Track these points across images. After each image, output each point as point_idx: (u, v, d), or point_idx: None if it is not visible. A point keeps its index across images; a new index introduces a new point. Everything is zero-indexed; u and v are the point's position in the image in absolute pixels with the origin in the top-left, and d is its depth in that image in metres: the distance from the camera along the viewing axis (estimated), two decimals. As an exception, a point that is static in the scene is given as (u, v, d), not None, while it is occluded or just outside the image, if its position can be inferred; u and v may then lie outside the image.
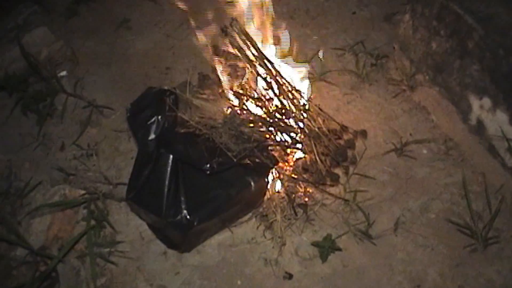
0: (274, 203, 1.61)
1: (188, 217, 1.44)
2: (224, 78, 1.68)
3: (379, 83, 2.07)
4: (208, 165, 1.43)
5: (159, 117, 1.51)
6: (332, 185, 1.67)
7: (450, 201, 1.67)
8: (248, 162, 1.50)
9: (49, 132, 2.02)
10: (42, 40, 2.31)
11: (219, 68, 1.68)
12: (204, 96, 1.65)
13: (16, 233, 1.59)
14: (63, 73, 2.22)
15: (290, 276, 1.52)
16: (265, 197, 1.63)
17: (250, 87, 1.63)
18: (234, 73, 1.66)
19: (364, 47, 2.20)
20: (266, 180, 1.58)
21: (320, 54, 1.81)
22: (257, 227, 1.63)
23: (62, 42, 2.33)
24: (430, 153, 1.81)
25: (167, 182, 1.47)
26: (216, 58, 1.66)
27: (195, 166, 1.45)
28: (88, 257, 1.56)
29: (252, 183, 1.53)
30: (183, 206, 1.45)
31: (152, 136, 1.51)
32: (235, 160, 1.45)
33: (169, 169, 1.47)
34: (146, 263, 1.58)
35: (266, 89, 1.59)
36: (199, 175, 1.45)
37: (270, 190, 1.64)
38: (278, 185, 1.65)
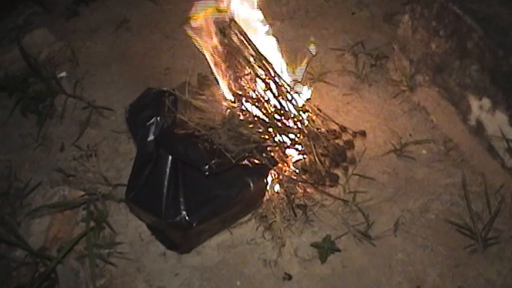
0: (273, 204, 1.60)
1: (187, 218, 1.44)
2: (222, 78, 1.68)
3: (379, 83, 2.07)
4: (207, 166, 1.43)
5: (158, 118, 1.51)
6: (331, 186, 1.67)
7: (450, 202, 1.67)
8: (247, 162, 1.49)
9: (49, 133, 2.02)
10: (42, 40, 2.32)
11: (218, 68, 1.68)
12: (204, 97, 1.64)
13: (16, 234, 1.59)
14: (63, 73, 2.22)
15: (289, 277, 1.52)
16: (265, 198, 1.63)
17: (249, 87, 1.62)
18: (233, 73, 1.66)
19: (364, 48, 2.20)
20: (265, 180, 1.58)
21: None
22: (257, 228, 1.63)
23: (62, 43, 2.33)
24: (429, 153, 1.81)
25: (166, 183, 1.46)
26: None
27: (194, 167, 1.45)
28: (87, 258, 1.56)
29: (252, 184, 1.53)
30: (182, 207, 1.44)
31: (151, 136, 1.51)
32: (234, 161, 1.45)
33: (168, 169, 1.47)
34: (145, 264, 1.58)
35: (264, 90, 1.59)
36: (199, 175, 1.45)
37: (269, 191, 1.64)
38: (277, 186, 1.65)
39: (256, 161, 1.52)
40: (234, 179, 1.52)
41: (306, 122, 1.60)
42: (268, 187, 1.61)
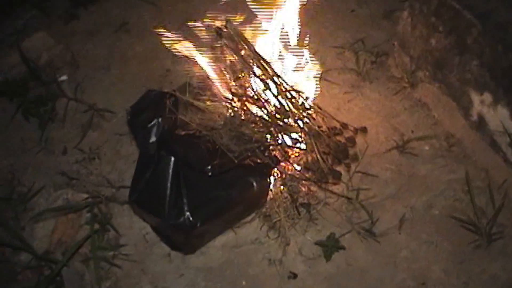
0: (277, 203, 1.60)
1: (190, 218, 1.44)
2: (222, 78, 1.68)
3: (380, 80, 2.07)
4: (209, 167, 1.43)
5: (159, 119, 1.51)
6: (335, 183, 1.67)
7: (453, 198, 1.67)
8: (250, 162, 1.49)
9: (51, 137, 2.02)
10: (42, 44, 2.31)
11: (217, 69, 1.68)
12: (204, 97, 1.64)
13: (20, 238, 1.59)
14: (63, 77, 2.22)
15: (294, 276, 1.52)
16: (268, 197, 1.63)
17: (249, 87, 1.62)
18: (233, 73, 1.66)
19: (364, 45, 2.19)
20: (268, 180, 1.58)
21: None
22: (261, 228, 1.63)
23: (62, 46, 2.33)
24: (432, 149, 1.81)
25: (169, 184, 1.46)
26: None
27: (196, 168, 1.45)
28: (92, 261, 1.56)
29: (255, 184, 1.53)
30: (185, 208, 1.45)
31: (152, 138, 1.51)
32: (236, 161, 1.45)
33: (170, 171, 1.47)
34: (150, 266, 1.59)
35: (263, 90, 1.59)
36: (201, 176, 1.45)
37: (272, 190, 1.64)
38: (281, 185, 1.65)
39: (259, 161, 1.52)
40: (237, 179, 1.52)
41: (307, 120, 1.60)
42: (271, 187, 1.61)
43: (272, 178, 1.61)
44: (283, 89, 1.60)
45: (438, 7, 1.78)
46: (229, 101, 1.64)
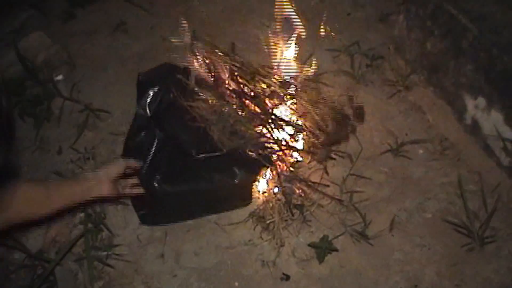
0: (270, 204, 1.61)
1: (164, 184, 1.52)
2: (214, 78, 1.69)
3: (375, 83, 2.08)
4: (196, 150, 1.51)
5: (163, 89, 1.62)
6: (352, 131, 1.69)
7: (447, 201, 1.68)
8: (240, 156, 1.52)
9: (46, 136, 2.02)
10: (39, 44, 2.32)
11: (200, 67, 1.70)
12: (201, 97, 1.65)
13: (14, 237, 1.59)
14: (60, 77, 2.23)
15: (287, 277, 1.52)
16: (259, 198, 1.63)
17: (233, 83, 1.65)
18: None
19: (359, 48, 2.20)
20: (255, 177, 1.59)
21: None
22: (254, 229, 1.63)
23: (59, 46, 2.33)
24: (426, 153, 1.81)
25: (153, 149, 1.58)
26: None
27: (185, 149, 1.52)
28: (85, 260, 1.56)
29: (238, 175, 1.55)
30: (160, 176, 1.53)
31: (152, 104, 1.63)
32: (224, 150, 1.50)
33: (155, 142, 1.60)
34: (143, 266, 1.59)
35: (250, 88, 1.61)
36: (188, 156, 1.53)
37: (266, 191, 1.64)
38: (275, 186, 1.65)
39: (254, 158, 1.53)
40: (222, 166, 1.56)
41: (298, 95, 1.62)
42: (260, 187, 1.63)
43: (262, 177, 1.61)
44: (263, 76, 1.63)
45: (434, 11, 1.79)
46: (226, 98, 1.65)
